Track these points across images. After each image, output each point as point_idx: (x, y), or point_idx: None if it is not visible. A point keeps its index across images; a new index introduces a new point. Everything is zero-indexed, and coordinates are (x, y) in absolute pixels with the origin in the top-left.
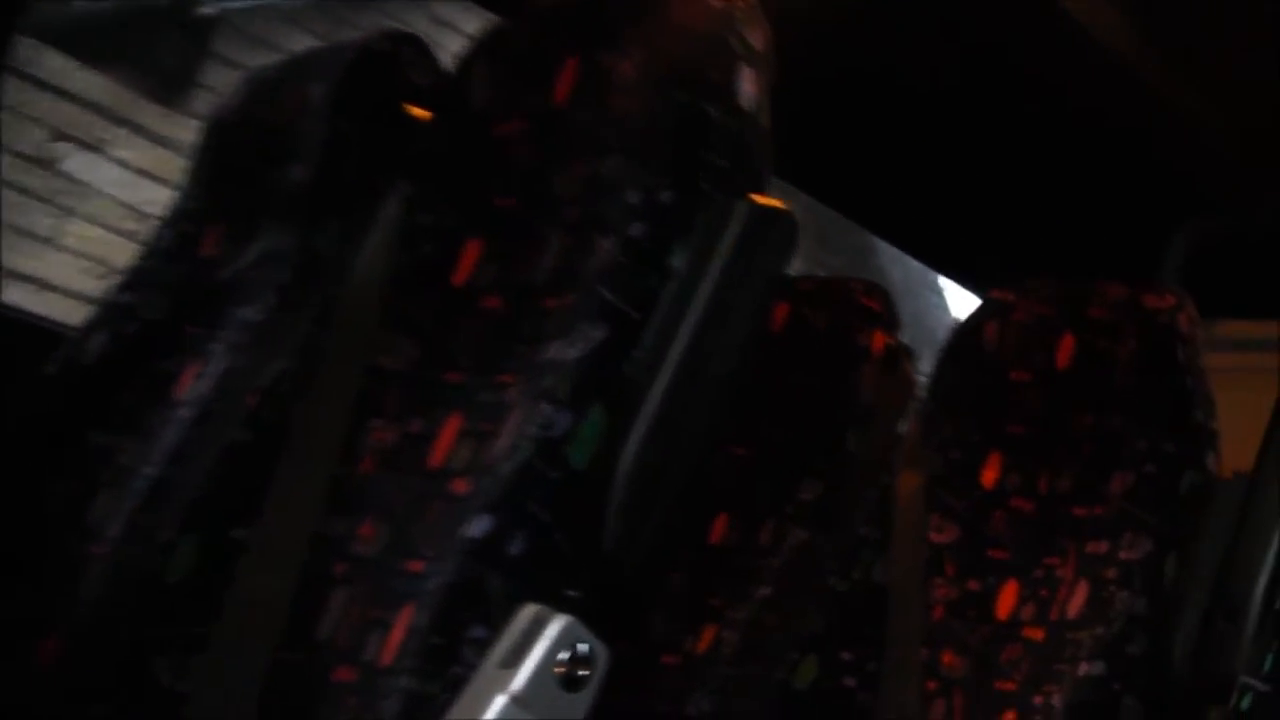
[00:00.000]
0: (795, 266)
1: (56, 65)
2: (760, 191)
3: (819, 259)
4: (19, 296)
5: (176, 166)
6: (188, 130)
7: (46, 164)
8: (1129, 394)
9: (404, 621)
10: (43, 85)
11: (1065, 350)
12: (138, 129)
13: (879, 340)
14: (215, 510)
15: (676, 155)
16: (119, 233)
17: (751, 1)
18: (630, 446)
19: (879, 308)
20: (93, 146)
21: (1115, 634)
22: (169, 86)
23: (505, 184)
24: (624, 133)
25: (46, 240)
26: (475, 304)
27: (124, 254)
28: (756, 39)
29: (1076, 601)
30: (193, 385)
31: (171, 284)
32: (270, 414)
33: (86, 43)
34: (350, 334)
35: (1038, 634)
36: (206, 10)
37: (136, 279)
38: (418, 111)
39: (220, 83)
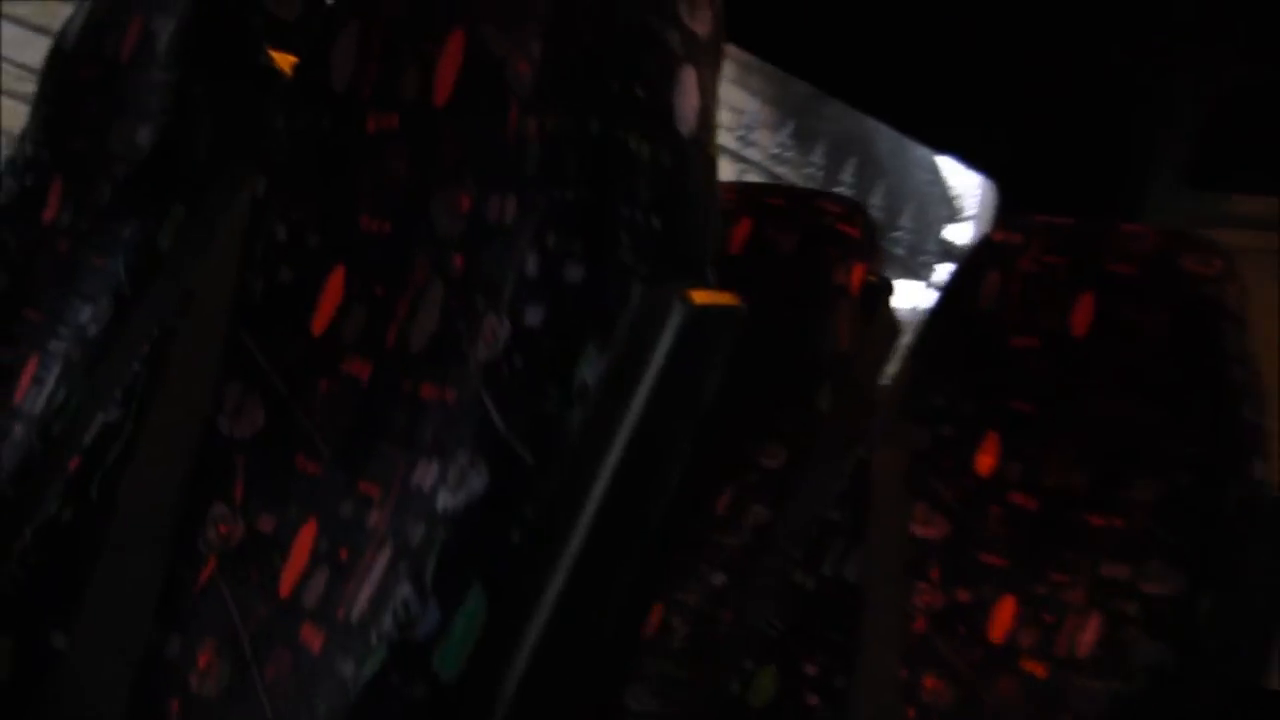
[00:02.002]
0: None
1: None
2: (705, 268)
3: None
4: None
5: None
6: None
7: None
8: (1159, 378)
9: None
10: None
11: (1083, 314)
12: None
13: (858, 275)
14: (31, 607)
15: (587, 210)
16: (15, 97)
17: None
18: (521, 647)
19: (858, 234)
20: None
21: (1134, 692)
22: None
23: (377, 201)
24: (519, 165)
25: None
26: (336, 365)
27: (21, 120)
28: (701, 23)
29: (1087, 637)
30: (30, 393)
31: (11, 250)
32: (95, 486)
33: None
34: (188, 382)
35: (1039, 669)
36: None
37: None
38: (281, 58)
39: None
